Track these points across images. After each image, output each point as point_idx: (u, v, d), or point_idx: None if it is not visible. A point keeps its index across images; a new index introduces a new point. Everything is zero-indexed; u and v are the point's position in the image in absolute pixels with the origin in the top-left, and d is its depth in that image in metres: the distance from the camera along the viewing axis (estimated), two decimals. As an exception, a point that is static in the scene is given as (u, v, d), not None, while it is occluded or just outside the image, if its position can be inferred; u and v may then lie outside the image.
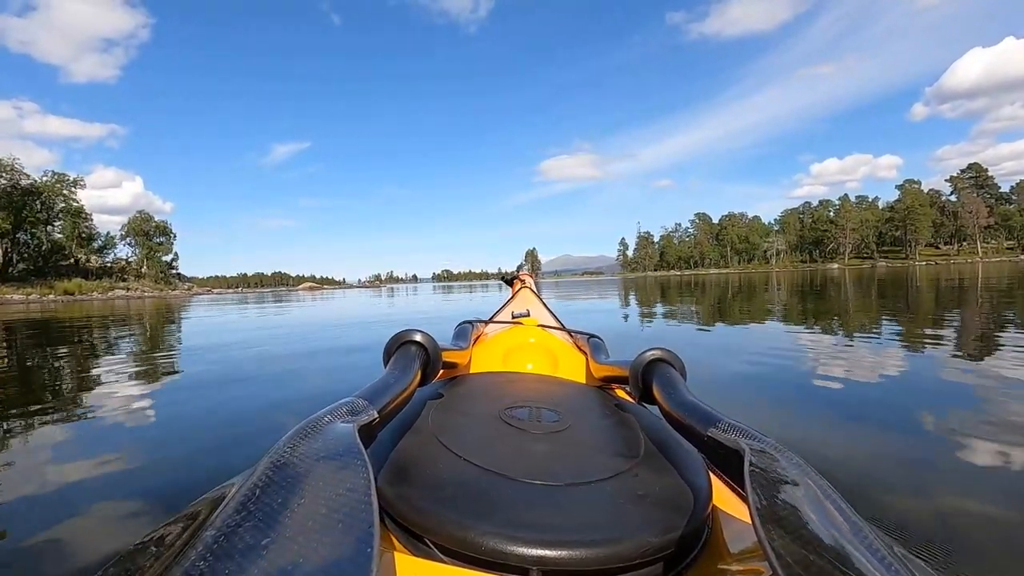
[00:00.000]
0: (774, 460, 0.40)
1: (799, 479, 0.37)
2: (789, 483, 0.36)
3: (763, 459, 0.39)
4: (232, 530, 0.26)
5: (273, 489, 0.30)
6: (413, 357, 0.65)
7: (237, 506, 0.28)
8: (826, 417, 1.89)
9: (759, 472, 0.37)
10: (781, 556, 0.27)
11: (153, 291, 43.69)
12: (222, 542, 0.25)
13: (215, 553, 0.24)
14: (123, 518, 1.20)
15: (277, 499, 0.29)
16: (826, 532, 0.30)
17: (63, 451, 1.72)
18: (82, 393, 2.71)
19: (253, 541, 0.25)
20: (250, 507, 0.28)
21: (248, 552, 0.24)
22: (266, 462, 0.34)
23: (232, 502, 0.29)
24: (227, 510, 0.28)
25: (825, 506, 0.34)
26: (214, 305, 16.51)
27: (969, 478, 1.28)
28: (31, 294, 30.54)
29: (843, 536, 0.30)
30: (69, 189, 43.31)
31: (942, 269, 28.14)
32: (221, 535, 0.26)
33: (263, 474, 0.32)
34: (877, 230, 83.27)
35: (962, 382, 2.29)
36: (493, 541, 0.39)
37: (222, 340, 5.36)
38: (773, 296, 9.80)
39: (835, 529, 0.31)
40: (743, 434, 0.45)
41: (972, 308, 5.63)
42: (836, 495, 0.36)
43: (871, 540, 0.31)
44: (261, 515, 0.27)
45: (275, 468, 0.33)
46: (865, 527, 0.33)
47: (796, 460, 0.40)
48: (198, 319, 9.46)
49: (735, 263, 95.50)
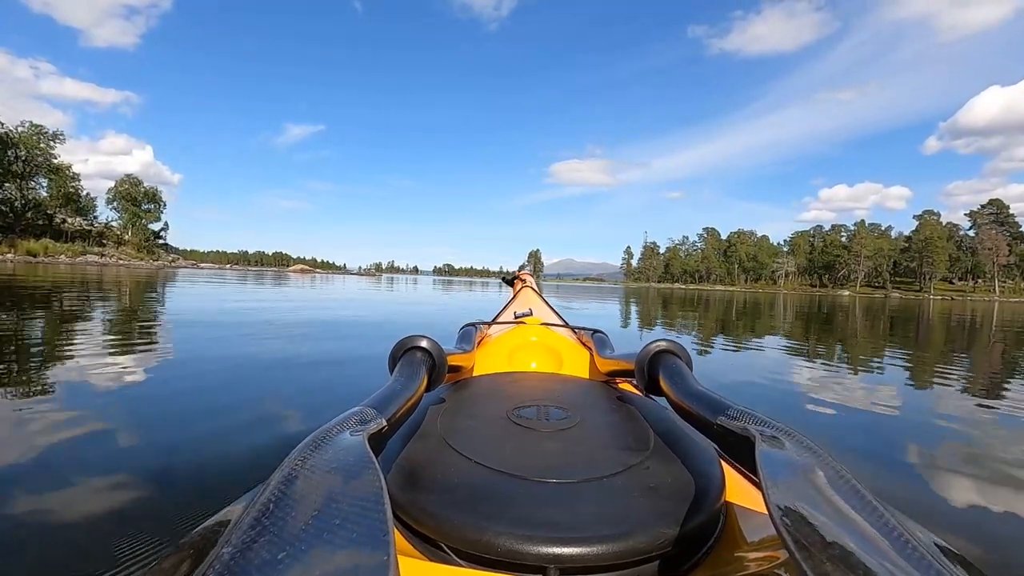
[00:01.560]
0: (786, 445, 0.40)
1: (813, 463, 0.37)
2: (803, 468, 0.36)
3: (775, 444, 0.40)
4: (248, 546, 0.27)
5: (287, 503, 0.31)
6: (419, 363, 0.67)
7: (252, 521, 0.29)
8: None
9: (771, 458, 0.37)
10: (799, 542, 0.27)
11: (131, 260, 42.88)
12: (239, 559, 0.26)
13: (232, 570, 0.25)
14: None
15: (291, 513, 0.30)
16: (843, 517, 0.30)
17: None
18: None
19: (270, 556, 0.26)
20: (265, 522, 0.29)
21: (266, 568, 0.25)
22: (278, 476, 0.34)
23: (247, 518, 0.30)
24: (243, 526, 0.29)
25: (841, 490, 0.34)
26: (175, 282, 16.15)
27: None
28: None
29: (861, 520, 0.30)
30: (48, 143, 41.88)
31: (957, 305, 28.02)
32: (238, 552, 0.26)
33: (276, 488, 0.33)
34: (891, 259, 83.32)
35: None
36: (509, 542, 0.40)
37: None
38: (794, 322, 9.57)
39: (852, 513, 0.31)
40: (753, 420, 0.45)
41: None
42: (852, 478, 0.36)
43: (890, 522, 0.31)
44: (276, 530, 0.28)
45: (288, 482, 0.33)
46: (883, 509, 0.33)
47: (808, 444, 0.41)
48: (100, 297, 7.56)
49: (742, 281, 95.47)
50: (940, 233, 76.97)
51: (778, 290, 79.62)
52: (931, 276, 77.39)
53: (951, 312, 16.22)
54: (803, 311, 13.35)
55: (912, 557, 0.28)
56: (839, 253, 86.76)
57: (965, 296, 65.99)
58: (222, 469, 1.30)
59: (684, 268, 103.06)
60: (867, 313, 12.91)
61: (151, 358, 2.80)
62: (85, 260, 35.61)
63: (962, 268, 78.32)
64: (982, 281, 76.61)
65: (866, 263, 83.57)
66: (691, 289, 62.78)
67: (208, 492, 1.16)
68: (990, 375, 3.66)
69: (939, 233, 76.87)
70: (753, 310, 12.90)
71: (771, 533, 0.41)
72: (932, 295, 67.78)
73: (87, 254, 38.56)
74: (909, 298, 55.09)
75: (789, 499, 0.31)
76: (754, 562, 0.42)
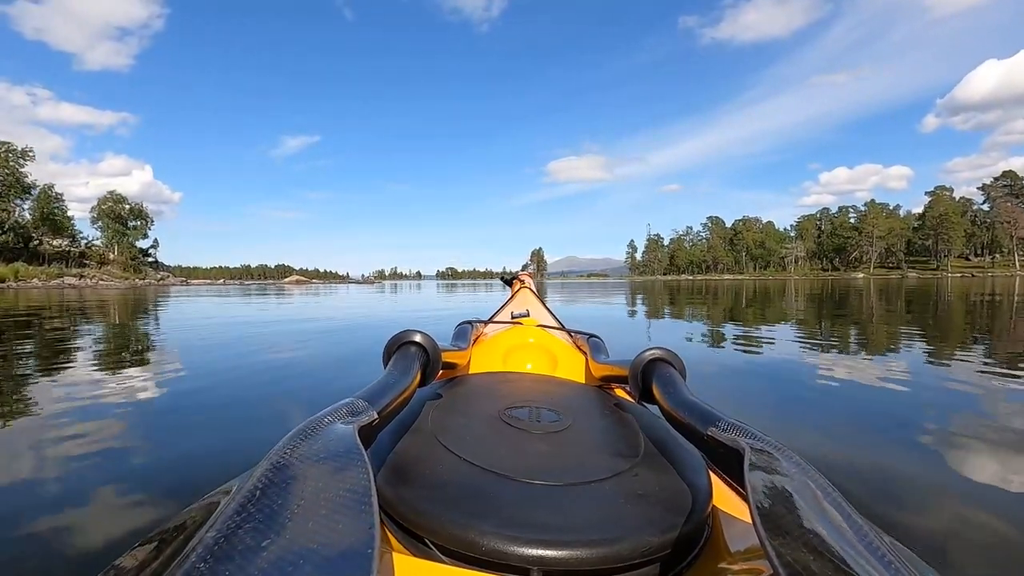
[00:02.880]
0: (774, 459, 0.41)
1: (800, 478, 0.38)
2: (790, 482, 0.37)
3: (763, 458, 0.40)
4: (232, 532, 0.27)
5: (273, 491, 0.31)
6: (413, 358, 0.68)
7: (237, 508, 0.29)
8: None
9: (759, 471, 0.38)
10: (781, 555, 0.27)
11: (115, 280, 42.31)
12: (222, 544, 0.26)
13: (215, 555, 0.25)
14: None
15: (277, 501, 0.30)
16: (827, 531, 0.30)
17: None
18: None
19: (253, 543, 0.26)
20: (250, 509, 0.29)
21: (248, 554, 0.25)
22: (266, 463, 0.35)
23: (232, 504, 0.30)
24: (227, 512, 0.29)
25: (826, 505, 0.35)
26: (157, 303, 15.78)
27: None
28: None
29: (844, 536, 0.31)
30: (16, 161, 40.93)
31: (977, 283, 27.45)
32: (221, 537, 0.26)
33: (263, 475, 0.33)
34: (905, 238, 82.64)
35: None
36: (493, 541, 0.40)
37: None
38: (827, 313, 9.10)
39: (836, 529, 0.32)
40: (743, 433, 0.46)
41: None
42: (837, 494, 0.37)
43: (872, 540, 0.32)
44: (261, 517, 0.28)
45: (275, 469, 0.34)
46: (866, 527, 0.33)
47: (796, 459, 0.42)
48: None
49: (750, 269, 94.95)
50: (955, 209, 76.26)
51: (789, 276, 79.12)
52: (947, 253, 76.70)
53: (978, 290, 15.68)
54: (827, 297, 12.87)
55: (895, 574, 0.29)
56: (850, 235, 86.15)
57: (984, 272, 65.30)
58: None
59: (690, 259, 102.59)
60: (898, 298, 12.38)
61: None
62: (61, 283, 34.86)
63: (978, 243, 77.64)
64: (1000, 256, 75.89)
65: (879, 244, 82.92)
66: (698, 280, 62.34)
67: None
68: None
69: (954, 209, 76.16)
70: (765, 298, 12.44)
71: (756, 545, 0.42)
72: (950, 273, 67.13)
73: (63, 276, 37.78)
74: (927, 277, 54.54)
75: (775, 513, 0.32)
76: (738, 573, 0.43)
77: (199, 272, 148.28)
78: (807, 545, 0.28)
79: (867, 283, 31.66)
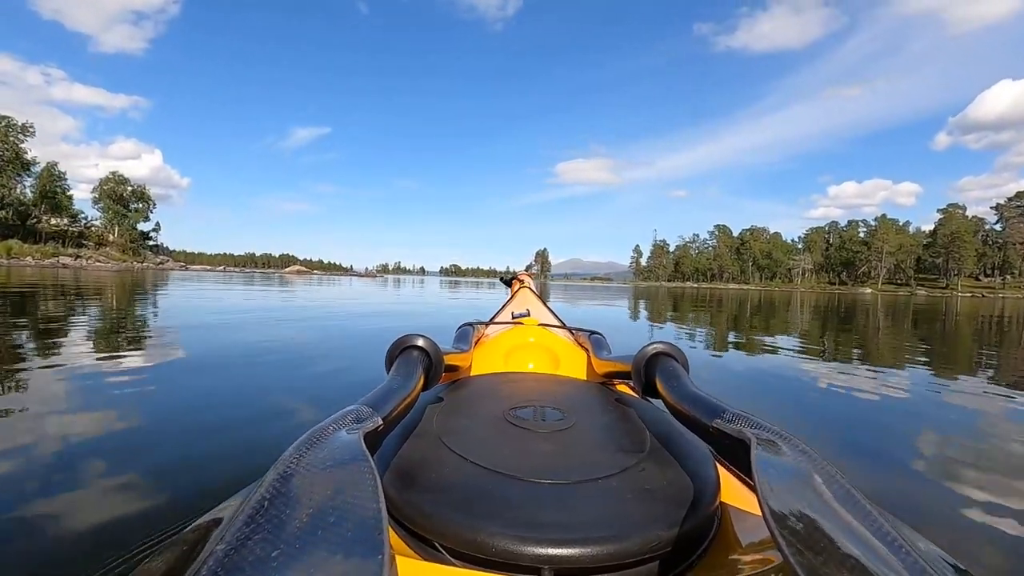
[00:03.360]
0: (781, 448, 0.41)
1: (807, 467, 0.38)
2: (797, 471, 0.37)
3: (770, 448, 0.41)
4: (243, 543, 0.27)
5: (282, 501, 0.31)
6: (415, 362, 0.69)
7: (247, 519, 0.29)
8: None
9: (767, 461, 0.38)
10: (792, 545, 0.27)
11: (111, 261, 42.04)
12: (233, 556, 0.26)
13: (226, 567, 0.25)
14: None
15: (286, 511, 0.30)
16: (838, 520, 0.31)
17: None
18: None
19: (264, 554, 0.26)
20: (259, 520, 0.29)
21: (260, 565, 0.25)
22: (273, 473, 0.35)
23: (242, 515, 0.30)
24: (237, 523, 0.29)
25: (836, 493, 0.35)
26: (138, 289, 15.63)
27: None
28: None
29: (854, 523, 0.31)
30: (16, 136, 40.22)
31: (987, 303, 27.10)
32: (232, 548, 0.27)
33: (271, 486, 0.33)
34: (915, 255, 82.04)
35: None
36: (503, 542, 0.41)
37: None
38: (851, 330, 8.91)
39: (846, 517, 0.32)
40: (749, 423, 0.46)
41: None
42: (845, 482, 0.37)
43: (882, 526, 0.31)
44: (271, 527, 0.29)
45: (283, 479, 0.34)
46: (876, 513, 0.33)
47: (803, 448, 0.42)
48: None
49: (756, 279, 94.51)
50: (967, 227, 75.66)
51: (795, 288, 78.64)
52: (957, 272, 76.09)
53: (988, 311, 15.44)
54: (842, 313, 12.66)
55: (907, 561, 0.28)
56: (859, 249, 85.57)
57: (995, 293, 64.76)
58: None
59: (695, 266, 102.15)
60: (913, 319, 12.15)
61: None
62: (56, 262, 34.41)
63: (989, 264, 77.02)
64: (1011, 277, 75.27)
65: (888, 259, 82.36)
66: (703, 288, 62.09)
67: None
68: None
69: (966, 227, 75.56)
70: (770, 311, 12.23)
71: (765, 536, 0.42)
72: (960, 292, 66.61)
73: (59, 255, 37.22)
74: (935, 296, 54.04)
75: (784, 502, 0.32)
76: (748, 564, 0.42)
77: (203, 258, 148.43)
78: (818, 534, 0.28)
79: (875, 299, 31.38)
